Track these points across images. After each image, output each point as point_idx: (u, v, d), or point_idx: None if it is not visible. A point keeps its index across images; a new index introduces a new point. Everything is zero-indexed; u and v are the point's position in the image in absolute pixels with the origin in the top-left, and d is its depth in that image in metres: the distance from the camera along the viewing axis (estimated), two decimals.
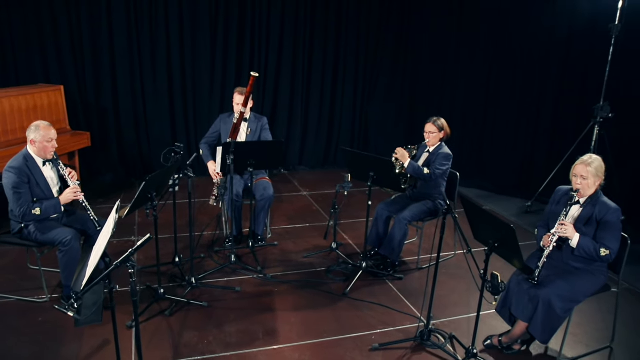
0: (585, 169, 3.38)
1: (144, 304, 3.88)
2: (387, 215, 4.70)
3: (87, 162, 6.57)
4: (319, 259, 4.87)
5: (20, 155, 3.70)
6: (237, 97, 4.89)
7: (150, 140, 7.06)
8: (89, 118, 6.68)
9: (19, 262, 4.48)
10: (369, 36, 7.74)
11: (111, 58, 6.60)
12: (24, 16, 6.11)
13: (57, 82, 6.34)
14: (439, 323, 3.89)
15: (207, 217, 5.67)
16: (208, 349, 3.46)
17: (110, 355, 3.14)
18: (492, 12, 6.88)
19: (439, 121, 4.53)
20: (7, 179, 3.61)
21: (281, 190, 6.83)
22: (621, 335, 3.80)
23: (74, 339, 3.48)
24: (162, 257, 4.23)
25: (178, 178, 3.98)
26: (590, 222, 3.37)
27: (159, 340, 3.52)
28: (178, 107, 7.05)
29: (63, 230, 3.74)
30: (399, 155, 4.44)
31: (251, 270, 4.55)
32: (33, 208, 3.63)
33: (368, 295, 4.23)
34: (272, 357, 3.42)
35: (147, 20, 6.60)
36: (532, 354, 3.60)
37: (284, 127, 7.73)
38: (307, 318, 3.89)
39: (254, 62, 7.23)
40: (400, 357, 3.47)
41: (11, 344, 3.33)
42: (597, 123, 5.68)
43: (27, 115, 5.58)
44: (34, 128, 3.71)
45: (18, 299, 3.95)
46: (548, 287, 3.30)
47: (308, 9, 7.30)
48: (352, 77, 7.87)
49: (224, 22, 6.90)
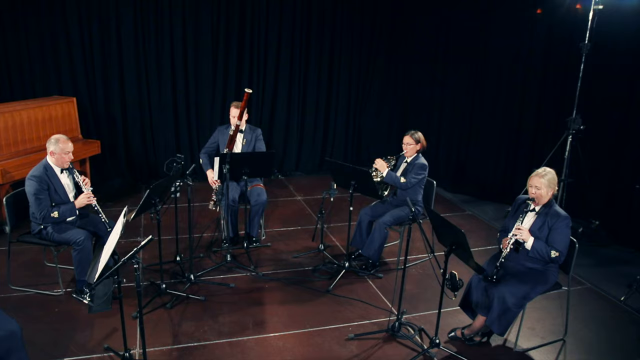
0: (539, 180, 3.82)
1: (148, 297, 4.37)
2: (369, 220, 5.15)
3: (97, 168, 7.05)
4: (307, 259, 5.33)
5: (41, 165, 4.19)
6: (233, 111, 5.36)
7: (155, 148, 7.56)
8: (99, 127, 7.19)
9: (37, 260, 4.98)
10: (362, 51, 8.19)
11: (120, 72, 7.11)
12: (40, 33, 6.62)
13: (69, 94, 6.84)
14: (412, 317, 4.34)
15: (207, 220, 6.14)
16: (203, 337, 3.94)
17: (118, 341, 3.61)
18: (476, 31, 7.31)
19: (416, 134, 4.97)
20: (29, 186, 4.11)
21: (277, 194, 7.30)
22: (577, 329, 4.24)
23: (86, 327, 3.98)
24: (165, 256, 4.71)
25: (179, 185, 4.46)
26: (543, 228, 3.80)
27: (161, 329, 4.01)
28: (182, 117, 7.55)
29: (77, 232, 4.23)
30: (378, 165, 4.93)
31: (245, 269, 5.02)
32: (52, 212, 4.13)
33: (349, 292, 4.70)
34: (260, 344, 3.89)
35: (154, 37, 7.11)
36: (491, 345, 4.04)
37: (281, 135, 8.20)
38: (293, 311, 4.36)
39: (252, 76, 7.72)
40: (372, 346, 3.93)
41: (33, 331, 3.81)
42: (570, 134, 6.11)
43: (43, 126, 6.07)
44: (54, 141, 4.19)
45: (37, 292, 4.45)
46: (503, 285, 3.74)
47: (304, 27, 7.77)
48: (346, 89, 8.32)
49: (224, 38, 7.40)
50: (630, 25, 5.68)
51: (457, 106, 7.81)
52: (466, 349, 3.93)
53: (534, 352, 3.96)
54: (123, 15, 6.88)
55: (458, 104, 7.79)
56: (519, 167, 7.13)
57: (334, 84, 8.23)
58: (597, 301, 4.76)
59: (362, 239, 5.17)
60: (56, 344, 3.76)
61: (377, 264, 5.10)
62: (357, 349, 3.88)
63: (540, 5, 6.60)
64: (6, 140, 5.59)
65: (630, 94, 5.88)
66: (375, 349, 3.89)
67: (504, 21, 6.98)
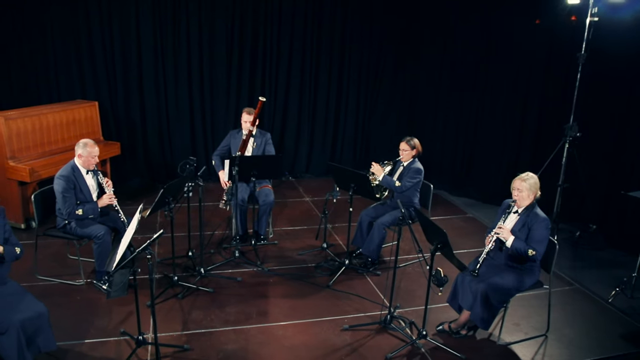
0: (521, 184, 4.13)
1: (161, 288, 4.77)
2: (369, 220, 5.47)
3: (117, 168, 7.48)
4: (311, 257, 5.67)
5: (69, 165, 4.62)
6: (244, 116, 5.72)
7: (172, 149, 7.98)
8: (119, 130, 7.62)
9: (61, 252, 5.40)
10: (370, 59, 8.48)
11: (139, 77, 7.54)
12: (65, 40, 7.07)
13: (92, 98, 7.28)
14: (405, 312, 4.65)
15: (219, 218, 6.52)
16: (211, 325, 4.31)
17: (133, 326, 3.99)
18: (481, 39, 7.57)
19: (412, 141, 5.28)
20: (57, 185, 4.53)
21: (287, 195, 7.65)
22: (559, 327, 4.51)
23: (105, 314, 4.38)
24: (178, 252, 5.12)
25: (191, 185, 4.83)
26: (523, 229, 4.09)
27: (172, 317, 4.39)
28: (197, 121, 7.96)
29: (98, 227, 4.64)
30: (374, 169, 5.26)
31: (252, 264, 5.39)
32: (77, 209, 4.55)
33: (347, 287, 5.03)
34: (262, 332, 4.25)
35: (171, 45, 7.52)
36: (476, 338, 4.34)
37: (292, 139, 8.55)
38: (294, 303, 4.71)
39: (265, 82, 8.10)
40: (365, 336, 4.26)
41: (57, 316, 4.18)
42: (567, 141, 6.35)
43: (67, 128, 6.51)
44: (82, 145, 4.61)
45: (60, 281, 4.88)
46: (486, 282, 4.04)
47: (314, 35, 8.11)
48: (355, 95, 8.60)
49: (238, 46, 7.78)
50: (625, 36, 5.91)
51: (462, 112, 8.06)
52: (452, 341, 4.24)
53: (516, 346, 4.25)
54: (142, 24, 7.31)
55: (462, 110, 8.04)
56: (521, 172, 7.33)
57: (343, 90, 8.54)
58: (583, 301, 5.01)
59: (362, 238, 5.49)
60: (77, 327, 4.17)
61: (376, 262, 5.42)
62: (350, 339, 4.21)
63: (540, 16, 6.85)
64: (34, 141, 6.03)
65: (627, 103, 6.12)
66: (368, 339, 4.22)
67: (507, 30, 7.22)
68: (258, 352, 4.00)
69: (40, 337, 3.48)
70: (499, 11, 7.26)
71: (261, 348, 4.05)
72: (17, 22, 6.76)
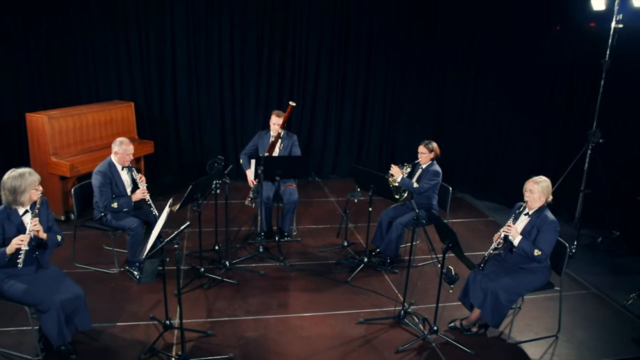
0: (534, 186, 4.26)
1: (188, 279, 5.07)
2: (388, 220, 5.66)
3: (150, 166, 7.85)
4: (332, 254, 5.89)
5: (106, 162, 4.96)
6: (273, 118, 5.97)
7: (203, 148, 8.32)
8: (153, 129, 8.00)
9: (97, 243, 5.77)
10: (397, 64, 8.63)
11: (173, 79, 7.90)
12: (104, 44, 7.48)
13: (128, 98, 7.67)
14: (419, 308, 4.83)
15: (245, 215, 6.79)
16: (233, 314, 4.58)
17: (161, 312, 4.29)
18: (506, 47, 7.65)
19: (430, 144, 5.46)
20: (95, 180, 4.88)
21: (312, 195, 7.89)
22: (571, 328, 4.62)
23: (136, 300, 4.70)
24: (205, 245, 5.42)
25: (218, 183, 5.11)
26: (532, 230, 4.23)
27: (198, 305, 4.68)
28: (227, 121, 8.28)
29: (131, 220, 4.97)
30: (393, 171, 5.46)
31: (274, 259, 5.64)
32: (112, 202, 4.89)
33: (365, 284, 5.23)
34: (281, 322, 4.50)
35: (204, 48, 7.86)
36: (487, 335, 4.49)
37: (319, 140, 8.77)
38: (313, 297, 4.95)
39: (293, 85, 8.36)
40: (379, 330, 4.46)
41: (93, 301, 4.51)
42: (590, 147, 6.40)
43: (105, 127, 6.89)
44: (119, 143, 4.95)
45: (96, 269, 5.23)
46: (496, 281, 4.19)
47: (342, 40, 8.32)
48: (381, 99, 8.75)
49: (268, 49, 8.06)
50: None
51: (487, 118, 8.13)
52: (463, 338, 4.40)
53: (526, 345, 4.38)
54: (177, 28, 7.67)
55: (487, 116, 8.11)
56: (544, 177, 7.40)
57: (369, 94, 8.72)
58: (598, 305, 5.09)
59: (381, 237, 5.68)
60: (111, 311, 4.51)
61: (394, 260, 5.60)
62: (365, 331, 4.42)
63: (565, 22, 6.91)
64: (74, 139, 6.42)
65: None
66: (381, 333, 4.42)
67: (532, 37, 7.29)
68: (276, 340, 4.25)
69: (78, 317, 3.81)
70: (524, 18, 7.34)
71: (279, 337, 4.30)
72: (61, 27, 7.20)
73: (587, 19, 6.56)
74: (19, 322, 4.21)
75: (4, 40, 6.68)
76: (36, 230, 3.66)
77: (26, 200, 3.68)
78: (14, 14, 6.72)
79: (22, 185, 3.62)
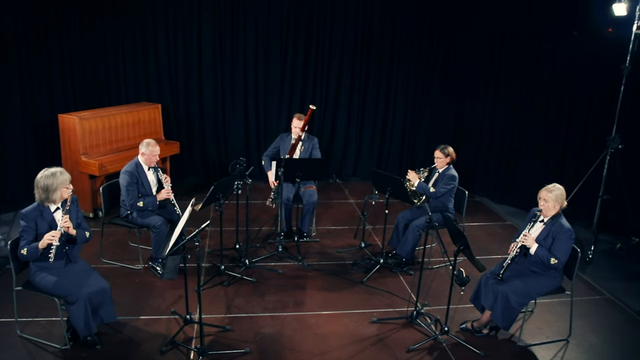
0: (547, 194, 4.33)
1: (209, 276, 5.27)
2: (405, 222, 5.77)
3: (176, 166, 8.10)
4: (349, 254, 6.03)
5: (133, 162, 5.20)
6: (295, 121, 6.15)
7: (227, 149, 8.54)
8: (179, 130, 8.25)
9: (123, 240, 6.03)
10: (418, 69, 8.67)
11: (199, 82, 8.14)
12: (134, 47, 7.77)
13: (156, 100, 7.94)
14: (432, 309, 4.93)
15: (267, 215, 6.97)
16: (251, 310, 4.76)
17: (182, 307, 4.49)
18: (527, 52, 7.67)
19: (446, 149, 5.55)
20: (122, 179, 5.13)
21: (332, 197, 8.03)
22: (583, 332, 4.67)
23: (159, 295, 4.92)
24: (227, 244, 5.61)
25: (240, 184, 5.30)
26: (548, 237, 4.29)
27: (217, 301, 4.88)
28: (251, 123, 8.48)
29: (156, 218, 5.19)
30: (410, 176, 5.58)
31: (293, 259, 5.81)
32: (138, 201, 5.12)
33: (380, 284, 5.36)
34: (296, 320, 4.66)
35: (229, 51, 8.08)
36: (497, 337, 4.57)
37: (341, 143, 8.90)
38: (328, 296, 5.09)
39: (316, 88, 8.51)
40: (391, 329, 4.59)
41: (118, 295, 4.74)
42: (609, 153, 6.40)
43: (133, 128, 7.14)
44: (146, 144, 5.18)
45: (122, 265, 5.47)
46: (507, 284, 4.27)
47: (365, 44, 8.42)
48: (402, 104, 8.82)
49: (292, 54, 8.24)
50: None
51: (507, 122, 8.14)
52: (473, 339, 4.50)
53: (536, 347, 4.45)
54: (204, 32, 7.90)
55: (508, 120, 8.13)
56: (564, 182, 7.33)
57: (391, 98, 8.79)
58: (612, 311, 5.11)
59: (398, 239, 5.79)
60: (135, 305, 4.73)
61: (409, 262, 5.71)
62: (377, 330, 4.55)
63: (584, 28, 6.91)
64: (103, 139, 6.69)
65: None
66: (394, 332, 4.54)
67: (554, 42, 7.29)
68: (291, 337, 4.41)
69: (103, 310, 4.03)
70: (546, 24, 7.35)
71: (294, 333, 4.46)
72: (94, 30, 7.50)
73: (607, 24, 6.55)
74: (49, 313, 4.46)
75: (41, 42, 7.00)
76: (66, 226, 3.90)
77: (57, 198, 3.92)
78: (49, 16, 7.02)
79: (54, 184, 3.86)
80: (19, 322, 4.29)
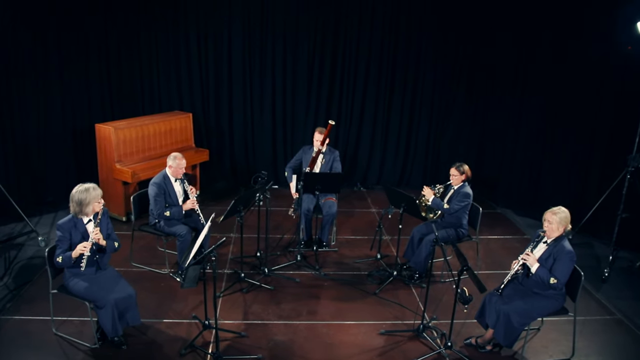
0: (552, 217, 4.48)
1: (230, 282, 5.59)
2: (419, 236, 5.96)
3: (206, 172, 8.47)
4: (366, 265, 6.26)
5: (161, 174, 5.57)
6: (316, 135, 6.40)
7: (255, 157, 8.88)
8: (209, 138, 8.64)
9: (152, 245, 6.41)
10: (444, 81, 8.80)
11: (229, 92, 8.51)
12: (167, 59, 8.19)
13: (188, 109, 8.34)
14: (439, 323, 5.12)
15: (290, 223, 7.24)
16: (267, 317, 5.06)
17: (202, 311, 4.81)
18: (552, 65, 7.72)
19: (461, 167, 5.71)
20: (151, 190, 5.50)
21: (355, 205, 8.25)
22: (587, 353, 4.76)
23: (182, 299, 5.27)
24: (248, 252, 5.92)
25: (261, 196, 5.59)
26: (549, 258, 4.44)
27: (235, 307, 5.20)
28: (278, 134, 8.81)
29: (181, 226, 5.54)
30: (425, 192, 5.77)
31: (311, 268, 6.07)
32: (165, 211, 5.48)
33: (392, 296, 5.57)
34: (308, 328, 4.93)
35: (258, 63, 8.41)
36: (501, 354, 4.73)
37: (366, 152, 9.10)
38: (341, 306, 5.34)
39: (342, 99, 8.74)
40: (398, 341, 4.81)
41: (143, 298, 5.11)
42: (629, 172, 6.41)
43: (165, 136, 7.53)
44: (173, 157, 5.54)
45: (149, 269, 5.85)
46: (509, 304, 4.43)
47: (390, 57, 8.60)
48: (427, 115, 8.95)
49: (318, 66, 8.51)
50: None
51: (531, 135, 8.19)
52: (477, 355, 4.68)
53: None
54: (234, 44, 8.26)
55: (532, 133, 8.18)
56: (586, 198, 7.40)
57: (415, 109, 8.92)
58: (620, 332, 5.17)
59: (412, 252, 5.98)
60: (159, 308, 5.10)
61: (423, 275, 5.90)
62: (385, 342, 4.78)
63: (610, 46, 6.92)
64: (137, 148, 7.10)
65: None
66: (400, 344, 4.76)
67: (579, 59, 7.33)
68: (302, 345, 4.68)
69: (129, 314, 4.40)
70: (572, 41, 7.38)
71: (305, 342, 4.73)
72: (131, 44, 7.95)
73: (633, 42, 6.55)
74: (80, 314, 4.86)
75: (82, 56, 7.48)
76: (97, 238, 4.27)
77: (90, 211, 4.29)
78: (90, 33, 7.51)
79: (87, 199, 4.23)
80: (55, 321, 4.70)
